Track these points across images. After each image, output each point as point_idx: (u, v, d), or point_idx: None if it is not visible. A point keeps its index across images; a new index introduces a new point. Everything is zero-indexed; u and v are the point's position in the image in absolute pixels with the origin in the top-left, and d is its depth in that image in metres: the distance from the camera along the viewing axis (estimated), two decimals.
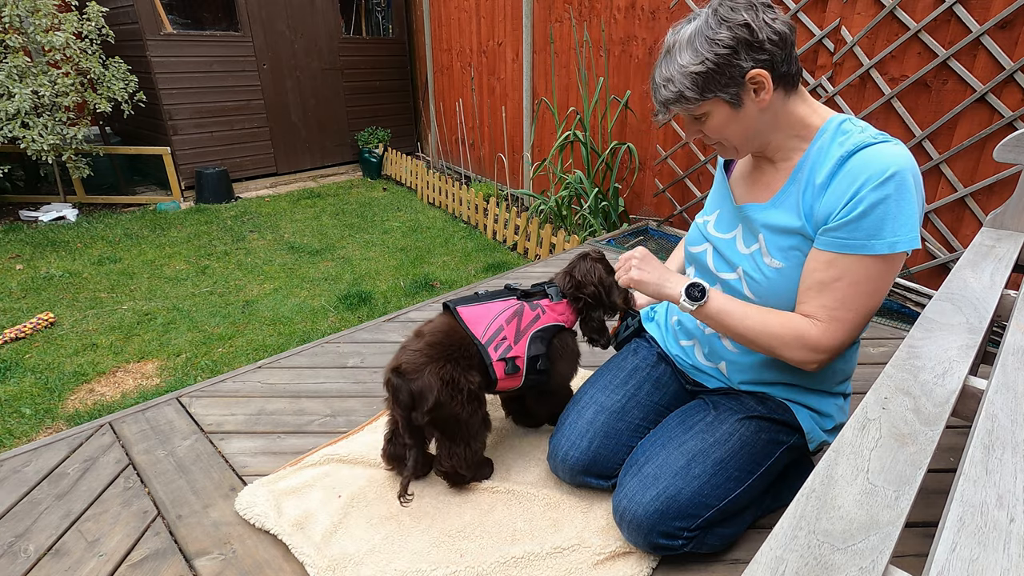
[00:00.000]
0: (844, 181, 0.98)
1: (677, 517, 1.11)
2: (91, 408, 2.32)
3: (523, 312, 1.36)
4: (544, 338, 1.37)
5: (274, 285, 3.53)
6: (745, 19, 0.97)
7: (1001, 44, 2.23)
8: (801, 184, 1.06)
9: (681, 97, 1.02)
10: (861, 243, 0.98)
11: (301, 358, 2.04)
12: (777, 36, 0.99)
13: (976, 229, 2.43)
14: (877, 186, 0.95)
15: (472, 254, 4.07)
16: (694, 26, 1.00)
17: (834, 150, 1.02)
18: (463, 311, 1.33)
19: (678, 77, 1.01)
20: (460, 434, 1.28)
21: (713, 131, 1.08)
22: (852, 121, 1.05)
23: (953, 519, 0.65)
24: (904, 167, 0.95)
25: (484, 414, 1.34)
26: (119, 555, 1.24)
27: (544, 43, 4.37)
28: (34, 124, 4.17)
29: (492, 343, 1.31)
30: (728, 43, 0.97)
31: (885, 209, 0.95)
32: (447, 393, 1.22)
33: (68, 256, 3.92)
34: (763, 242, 1.12)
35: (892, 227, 0.96)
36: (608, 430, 1.33)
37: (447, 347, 1.27)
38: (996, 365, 0.98)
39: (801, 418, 1.20)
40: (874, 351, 2.02)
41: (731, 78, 0.99)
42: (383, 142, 6.34)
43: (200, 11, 5.40)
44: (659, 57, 1.06)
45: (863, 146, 0.98)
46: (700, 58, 0.98)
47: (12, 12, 4.07)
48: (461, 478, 1.35)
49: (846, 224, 0.98)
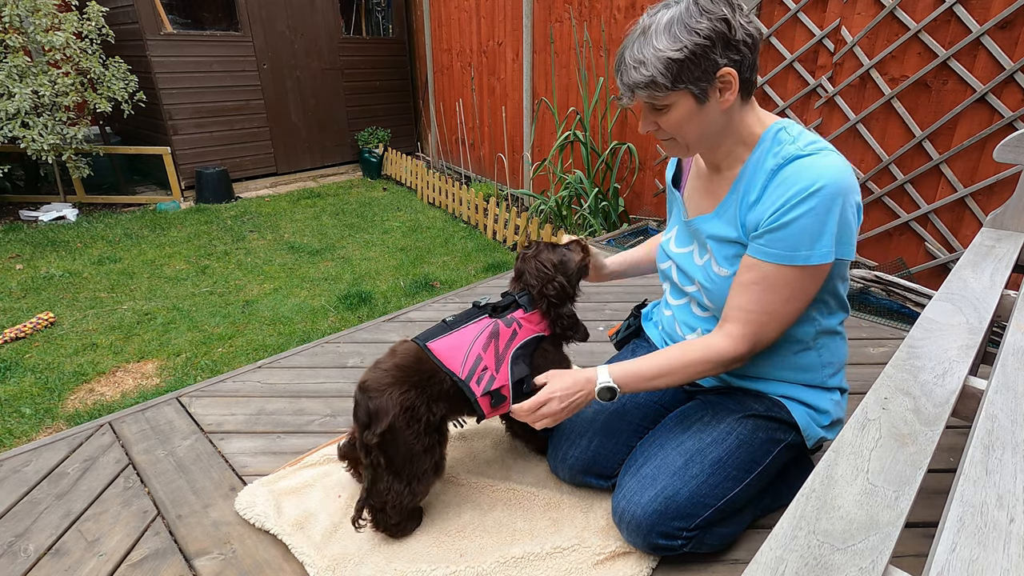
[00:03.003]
0: (774, 193, 1.02)
1: (676, 517, 1.11)
2: (91, 408, 2.32)
3: (499, 332, 1.26)
4: (525, 355, 1.27)
5: (274, 285, 3.53)
6: (724, 14, 0.97)
7: (1001, 44, 2.23)
8: (739, 196, 1.10)
9: (652, 83, 1.00)
10: (780, 253, 1.02)
11: (301, 358, 2.04)
12: (751, 39, 1.00)
13: (976, 229, 2.43)
14: (801, 201, 0.98)
15: (472, 254, 4.07)
16: (673, 12, 0.99)
17: (768, 162, 1.05)
18: (434, 347, 1.22)
19: (652, 60, 0.98)
20: (405, 469, 1.18)
21: (671, 125, 1.06)
22: (787, 130, 1.07)
23: (953, 519, 0.65)
24: (831, 181, 0.97)
25: (439, 457, 1.24)
26: (119, 555, 1.24)
27: (544, 43, 4.37)
28: (34, 124, 4.17)
29: (473, 376, 1.21)
30: (707, 34, 0.96)
31: (806, 223, 0.99)
32: (404, 419, 1.15)
33: (68, 256, 3.92)
34: (712, 252, 1.16)
35: (810, 241, 1.00)
36: (608, 429, 1.33)
37: (416, 372, 1.19)
38: (996, 365, 0.98)
39: (796, 414, 1.20)
40: (874, 351, 2.02)
41: (704, 71, 0.99)
42: (383, 142, 6.34)
43: (200, 11, 5.40)
44: (630, 36, 1.03)
45: (793, 158, 1.01)
46: (679, 44, 0.97)
47: (12, 12, 4.07)
48: (386, 520, 1.23)
49: (768, 233, 1.02)
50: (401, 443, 1.16)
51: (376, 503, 1.22)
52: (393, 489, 1.19)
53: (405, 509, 1.22)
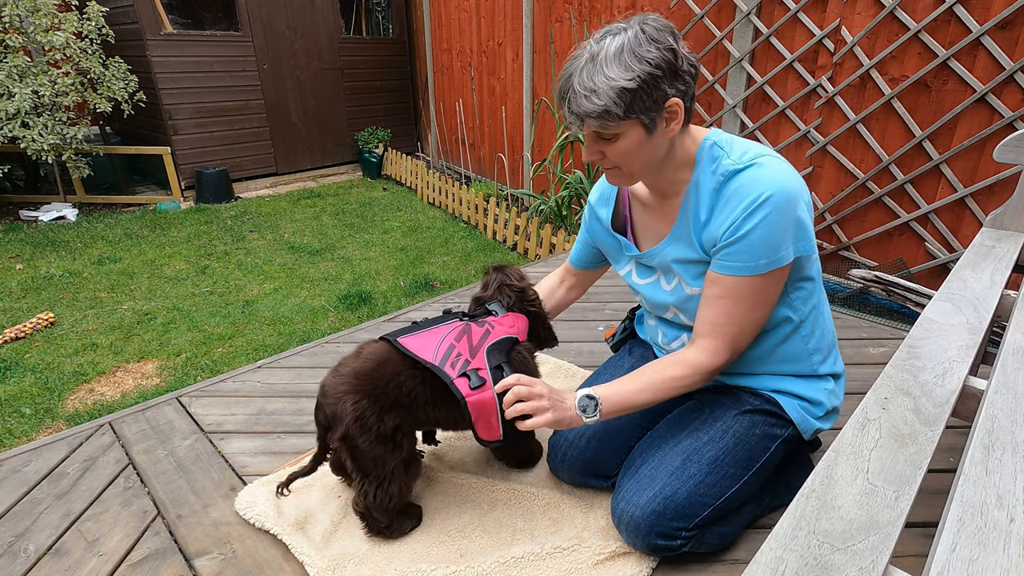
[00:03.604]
0: (724, 210, 1.04)
1: (674, 518, 1.11)
2: (91, 408, 2.32)
3: (471, 330, 1.25)
4: (501, 350, 1.24)
5: (274, 285, 3.53)
6: (672, 44, 0.98)
7: (1001, 44, 2.23)
8: (689, 218, 1.12)
9: (605, 112, 0.97)
10: (741, 265, 1.05)
11: (301, 358, 2.04)
12: (693, 68, 1.02)
13: (976, 229, 2.44)
14: (751, 213, 1.01)
15: (472, 254, 4.07)
16: (621, 39, 0.97)
17: (709, 182, 1.07)
18: (406, 341, 1.21)
19: (605, 89, 0.96)
20: (374, 471, 1.17)
21: (618, 155, 1.05)
22: (719, 144, 1.08)
23: (953, 519, 0.65)
24: (777, 189, 0.99)
25: (409, 456, 1.21)
26: (119, 555, 1.24)
27: (544, 43, 4.37)
28: (34, 124, 4.17)
29: (447, 362, 1.18)
30: (658, 63, 0.96)
31: (762, 233, 1.01)
32: (356, 428, 1.13)
33: (68, 256, 3.92)
34: (679, 275, 1.18)
35: (770, 249, 1.02)
36: (606, 429, 1.33)
37: (371, 380, 1.16)
38: (996, 365, 0.98)
39: (789, 409, 1.20)
40: (874, 351, 2.02)
41: (654, 101, 0.99)
42: (383, 142, 6.34)
43: (200, 11, 5.40)
44: (575, 62, 1.00)
45: (733, 174, 1.03)
46: (631, 74, 0.95)
47: (12, 12, 4.08)
48: (376, 523, 1.23)
49: (727, 247, 1.05)
50: (361, 447, 1.15)
51: (359, 508, 1.23)
52: (367, 491, 1.18)
53: (389, 510, 1.21)
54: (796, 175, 1.04)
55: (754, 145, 1.07)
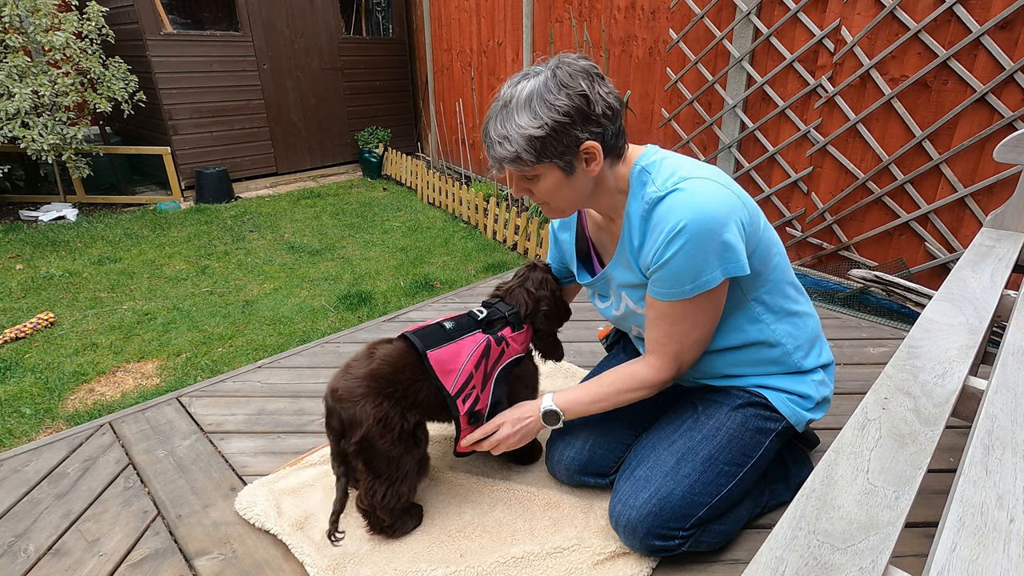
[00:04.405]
0: (651, 237, 1.06)
1: (671, 518, 1.11)
2: (91, 408, 2.32)
3: (490, 350, 1.28)
4: (506, 376, 1.31)
5: (274, 285, 3.53)
6: (583, 89, 0.98)
7: (1001, 44, 2.23)
8: (627, 243, 1.14)
9: (518, 158, 1.02)
10: (667, 291, 1.08)
11: (301, 358, 2.04)
12: (611, 110, 1.02)
13: (976, 229, 2.44)
14: (669, 242, 1.02)
15: (472, 254, 4.07)
16: (532, 85, 0.99)
17: (639, 209, 1.09)
18: (434, 357, 1.21)
19: (516, 137, 1.00)
20: (387, 472, 1.18)
21: (543, 193, 1.09)
22: (647, 169, 1.09)
23: (953, 519, 0.65)
24: (693, 217, 0.99)
25: (421, 457, 1.23)
26: (119, 555, 1.24)
27: (544, 43, 4.37)
28: (34, 124, 4.17)
29: (462, 394, 1.23)
30: (567, 110, 0.98)
31: (681, 261, 1.03)
32: (379, 429, 1.14)
33: (68, 256, 3.92)
34: (626, 297, 1.22)
35: (691, 275, 1.03)
36: (602, 428, 1.33)
37: (391, 383, 1.17)
38: (996, 365, 0.98)
39: (779, 404, 1.20)
40: (874, 351, 2.02)
41: (567, 146, 1.01)
42: (383, 142, 6.34)
43: (200, 11, 5.40)
44: (493, 107, 1.04)
45: (656, 202, 1.04)
46: (539, 122, 0.98)
47: (12, 12, 4.08)
48: (380, 522, 1.23)
49: (655, 273, 1.08)
50: (379, 449, 1.16)
51: (364, 506, 1.23)
52: (377, 492, 1.18)
53: (395, 510, 1.22)
54: (723, 197, 1.02)
55: (684, 165, 1.06)
